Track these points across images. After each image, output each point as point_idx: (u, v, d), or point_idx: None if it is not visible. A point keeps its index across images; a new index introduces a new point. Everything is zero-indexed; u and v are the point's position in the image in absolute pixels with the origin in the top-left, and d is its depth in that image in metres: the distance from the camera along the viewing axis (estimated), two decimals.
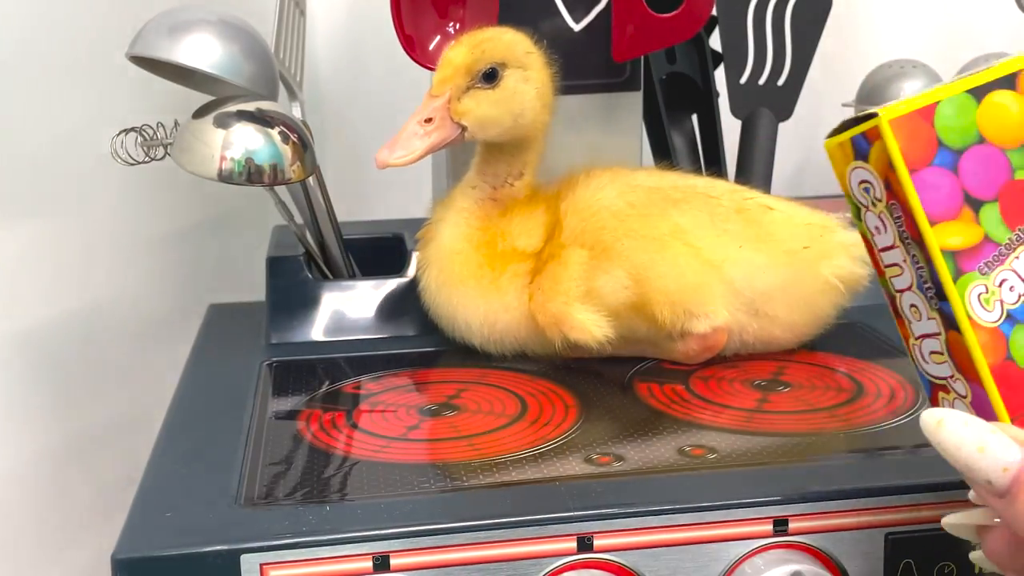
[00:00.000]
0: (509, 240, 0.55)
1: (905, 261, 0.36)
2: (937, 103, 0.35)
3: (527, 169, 0.56)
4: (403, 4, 0.57)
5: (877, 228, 0.37)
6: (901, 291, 0.37)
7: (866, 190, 0.36)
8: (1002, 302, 0.35)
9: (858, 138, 0.36)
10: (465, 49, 0.52)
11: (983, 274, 0.35)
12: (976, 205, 0.35)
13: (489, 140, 0.54)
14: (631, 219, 0.53)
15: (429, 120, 0.52)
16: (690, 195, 0.55)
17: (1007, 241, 0.35)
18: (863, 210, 0.37)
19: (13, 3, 0.71)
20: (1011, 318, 0.35)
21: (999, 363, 0.35)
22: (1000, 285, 0.35)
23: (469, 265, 0.55)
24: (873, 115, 0.35)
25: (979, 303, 0.35)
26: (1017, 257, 0.36)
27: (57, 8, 0.72)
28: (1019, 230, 0.36)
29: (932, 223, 0.35)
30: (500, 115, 0.53)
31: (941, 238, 0.35)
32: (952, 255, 0.35)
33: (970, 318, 0.35)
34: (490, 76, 0.52)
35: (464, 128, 0.52)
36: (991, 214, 0.35)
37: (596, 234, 0.53)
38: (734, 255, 0.53)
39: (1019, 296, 0.35)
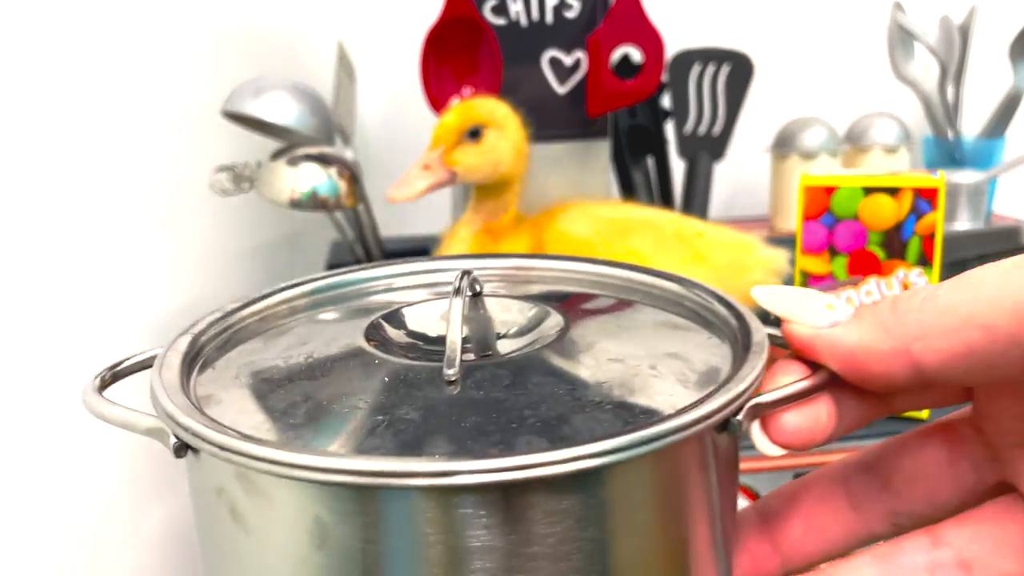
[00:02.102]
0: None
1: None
2: (838, 187, 0.42)
3: (510, 206, 0.55)
4: (430, 73, 0.58)
5: None
6: None
7: None
8: None
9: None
10: (455, 114, 0.52)
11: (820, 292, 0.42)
12: (834, 253, 0.43)
13: (475, 183, 0.54)
14: (596, 245, 0.53)
15: (427, 167, 0.52)
16: (641, 224, 0.54)
17: (843, 281, 0.43)
18: None
19: (140, 71, 0.71)
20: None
21: None
22: None
23: None
24: None
25: None
26: (844, 292, 0.43)
27: (171, 76, 0.73)
28: (852, 279, 0.43)
29: (803, 252, 0.43)
30: (482, 163, 0.52)
31: (804, 262, 0.43)
32: (805, 274, 0.43)
33: None
34: (475, 134, 0.52)
35: (455, 173, 0.52)
36: (840, 262, 0.43)
37: None
38: (676, 271, 0.53)
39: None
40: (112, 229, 0.73)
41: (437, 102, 0.58)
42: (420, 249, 0.71)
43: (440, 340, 0.20)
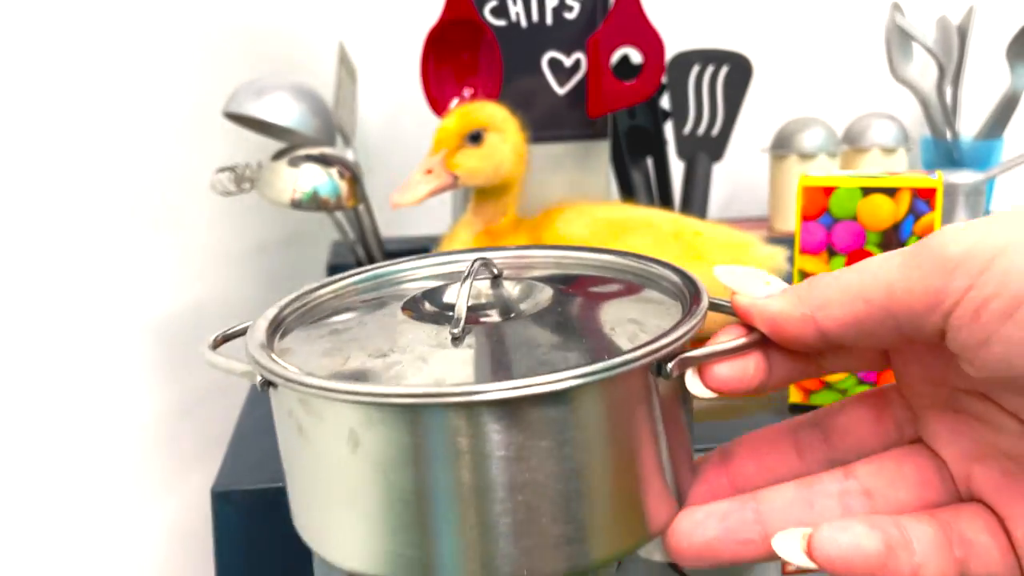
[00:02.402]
0: None
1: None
2: (836, 188, 0.41)
3: (509, 209, 0.56)
4: (430, 74, 0.58)
5: None
6: None
7: None
8: None
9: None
10: (456, 119, 0.52)
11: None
12: (832, 253, 0.42)
13: (476, 186, 0.54)
14: (594, 245, 0.53)
15: (430, 171, 0.52)
16: (639, 224, 0.54)
17: None
18: None
19: (141, 73, 0.71)
20: None
21: None
22: None
23: None
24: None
25: None
26: None
27: (172, 77, 0.73)
28: None
29: (801, 251, 0.43)
30: (483, 167, 0.52)
31: (802, 262, 0.43)
32: (804, 274, 0.42)
33: None
34: (475, 138, 0.52)
35: (456, 177, 0.52)
36: (839, 262, 0.42)
37: None
38: None
39: None
40: (114, 229, 0.73)
41: (437, 103, 0.58)
42: (420, 250, 0.71)
43: (463, 310, 0.27)
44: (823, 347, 0.25)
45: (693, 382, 0.25)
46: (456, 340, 0.26)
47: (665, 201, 0.71)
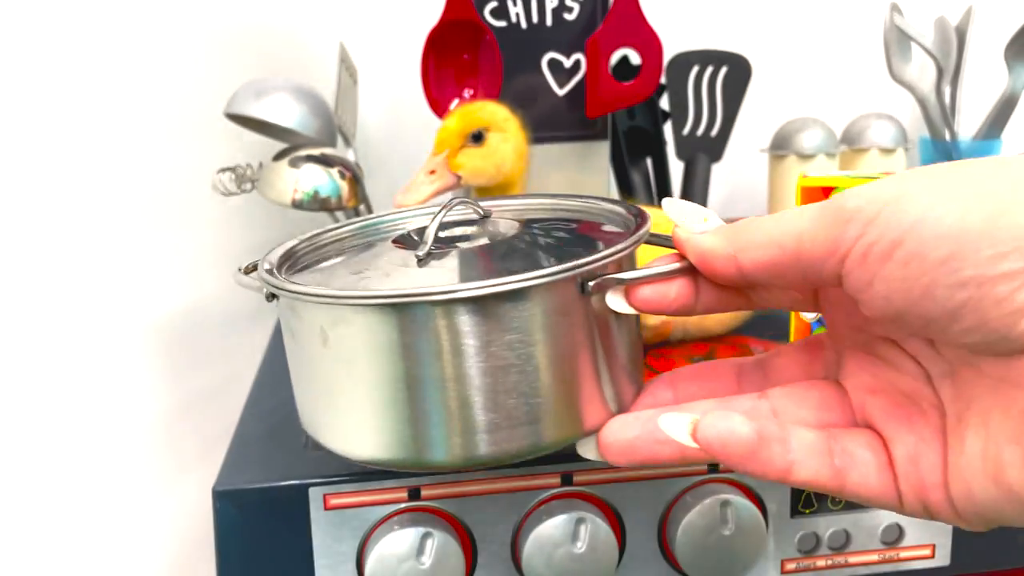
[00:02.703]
0: None
1: None
2: (835, 188, 0.41)
3: None
4: (431, 75, 0.58)
5: None
6: None
7: None
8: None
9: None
10: (458, 119, 0.52)
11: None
12: None
13: (479, 186, 0.54)
14: None
15: (433, 172, 0.52)
16: None
17: None
18: None
19: (142, 74, 0.71)
20: (820, 321, 0.42)
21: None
22: None
23: None
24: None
25: None
26: None
27: (173, 78, 0.73)
28: None
29: None
30: (486, 166, 0.53)
31: None
32: None
33: (796, 311, 0.43)
34: (477, 137, 0.52)
35: (459, 177, 0.52)
36: None
37: None
38: None
39: None
40: (116, 230, 0.73)
41: (437, 104, 0.58)
42: None
43: (431, 237, 0.33)
44: (743, 284, 0.29)
45: (614, 300, 0.29)
46: (420, 261, 0.32)
47: None
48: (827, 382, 0.31)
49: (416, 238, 0.35)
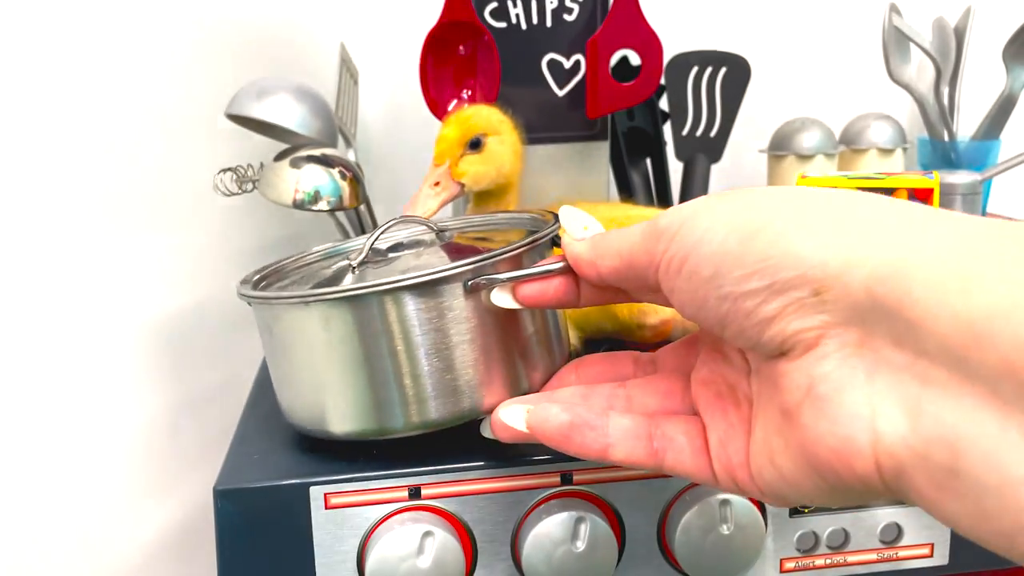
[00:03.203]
0: None
1: None
2: (834, 188, 0.39)
3: (510, 206, 0.56)
4: (430, 76, 0.58)
5: None
6: None
7: None
8: None
9: None
10: (455, 127, 0.52)
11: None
12: None
13: (479, 190, 0.54)
14: None
15: (437, 184, 0.52)
16: (637, 222, 0.54)
17: None
18: None
19: (143, 74, 0.71)
20: None
21: None
22: None
23: None
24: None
25: None
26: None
27: (174, 78, 0.73)
28: None
29: None
30: (487, 171, 0.53)
31: None
32: None
33: None
34: (475, 144, 0.52)
35: (463, 185, 0.53)
36: None
37: None
38: None
39: None
40: (117, 230, 0.73)
41: (436, 104, 0.58)
42: None
43: (385, 257, 0.41)
44: (604, 285, 0.33)
45: (498, 296, 0.35)
46: (353, 269, 0.39)
47: (664, 202, 0.71)
48: (678, 376, 0.35)
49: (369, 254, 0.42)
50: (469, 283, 0.35)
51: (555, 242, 0.38)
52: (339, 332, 0.35)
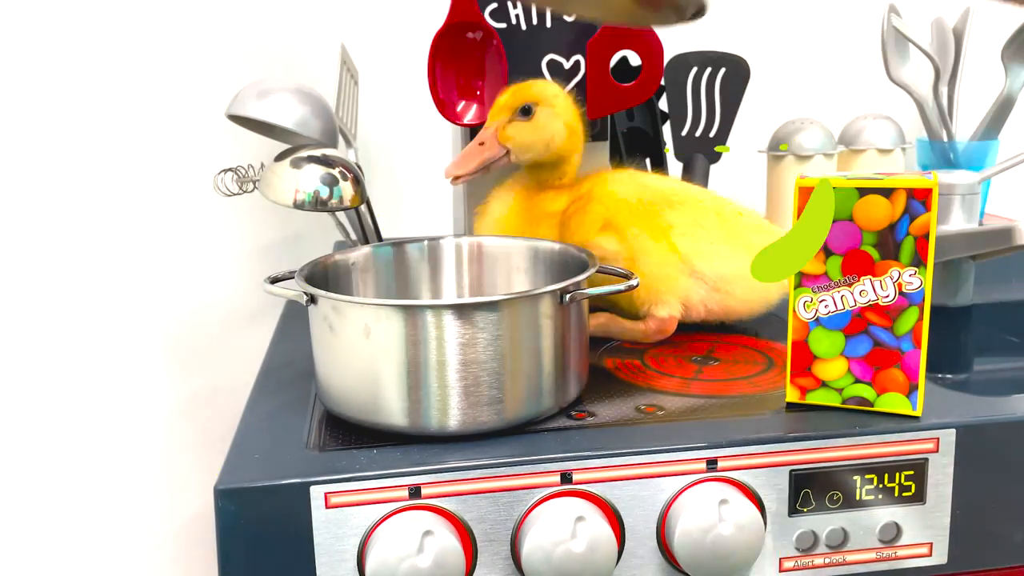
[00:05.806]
0: (540, 207, 0.56)
1: None
2: (833, 188, 0.41)
3: (565, 178, 0.57)
4: (437, 77, 0.58)
5: None
6: None
7: None
8: (816, 311, 0.43)
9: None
10: (508, 94, 0.54)
11: (813, 291, 0.43)
12: (828, 254, 0.43)
13: (528, 161, 0.55)
14: (639, 213, 0.54)
15: (482, 143, 0.54)
16: (684, 198, 0.55)
17: (836, 280, 0.43)
18: None
19: (144, 75, 0.71)
20: (817, 321, 0.43)
21: (799, 340, 0.44)
22: (820, 302, 0.43)
23: (510, 228, 0.57)
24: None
25: (802, 306, 0.43)
26: (838, 291, 0.43)
27: (174, 79, 0.73)
28: (848, 278, 0.43)
29: None
30: (534, 141, 0.54)
31: None
32: (800, 274, 0.43)
33: (794, 310, 0.44)
34: (526, 111, 0.54)
35: (508, 149, 0.54)
36: (835, 262, 0.43)
37: (614, 217, 0.53)
38: (704, 249, 0.53)
39: (828, 311, 0.43)
40: (118, 230, 0.73)
41: (444, 106, 0.58)
42: None
43: None
44: None
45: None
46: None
47: None
48: None
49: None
50: (567, 297, 0.42)
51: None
52: (423, 336, 0.40)
